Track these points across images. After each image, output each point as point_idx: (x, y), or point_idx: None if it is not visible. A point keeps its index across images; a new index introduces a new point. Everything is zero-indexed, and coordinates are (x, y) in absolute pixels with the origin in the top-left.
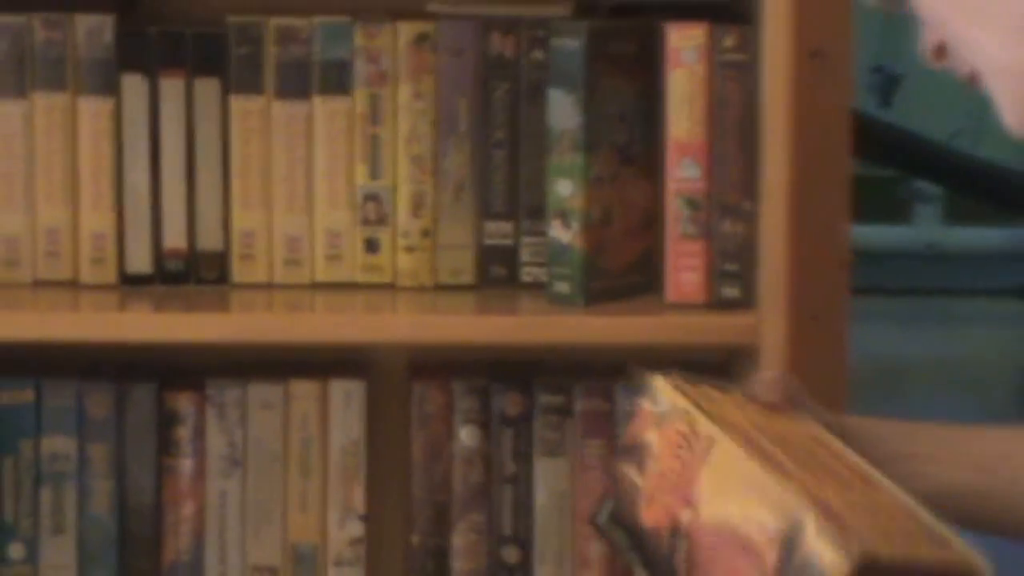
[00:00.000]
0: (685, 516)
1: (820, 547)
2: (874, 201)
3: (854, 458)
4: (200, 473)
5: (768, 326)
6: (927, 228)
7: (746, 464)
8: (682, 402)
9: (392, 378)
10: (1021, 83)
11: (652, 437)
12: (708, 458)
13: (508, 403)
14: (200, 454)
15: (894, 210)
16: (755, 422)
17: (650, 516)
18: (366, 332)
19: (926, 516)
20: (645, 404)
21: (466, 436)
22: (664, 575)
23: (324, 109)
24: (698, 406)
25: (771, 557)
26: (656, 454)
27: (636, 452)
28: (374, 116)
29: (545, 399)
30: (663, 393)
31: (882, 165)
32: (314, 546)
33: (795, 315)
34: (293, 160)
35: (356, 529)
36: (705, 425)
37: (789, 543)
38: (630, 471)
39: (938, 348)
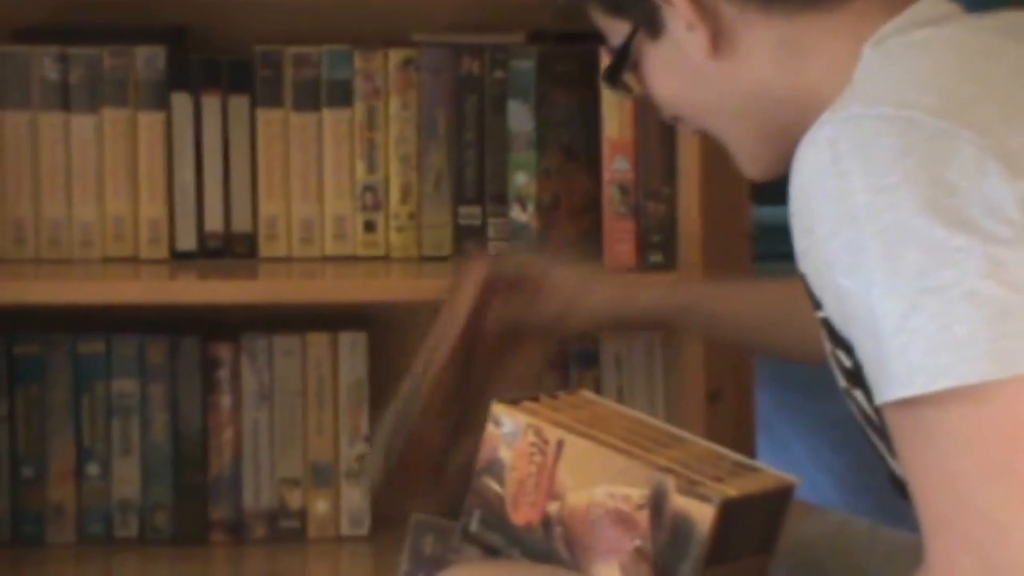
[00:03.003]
0: (553, 507)
1: (683, 501)
2: (776, 187)
3: (658, 423)
4: (237, 406)
5: (689, 281)
6: None
7: (597, 452)
8: (524, 418)
9: (388, 329)
10: (748, 147)
11: (505, 454)
12: (561, 456)
13: None
14: (237, 391)
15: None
16: (577, 418)
17: (519, 516)
18: (366, 293)
19: (732, 455)
20: (491, 428)
21: None
22: (546, 560)
23: (331, 119)
24: (538, 418)
25: (642, 520)
26: (511, 465)
27: (493, 468)
28: (371, 124)
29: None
30: (505, 416)
31: None
32: (329, 462)
33: (708, 275)
34: (307, 159)
35: (362, 448)
36: (551, 431)
37: (657, 505)
38: (491, 483)
39: None
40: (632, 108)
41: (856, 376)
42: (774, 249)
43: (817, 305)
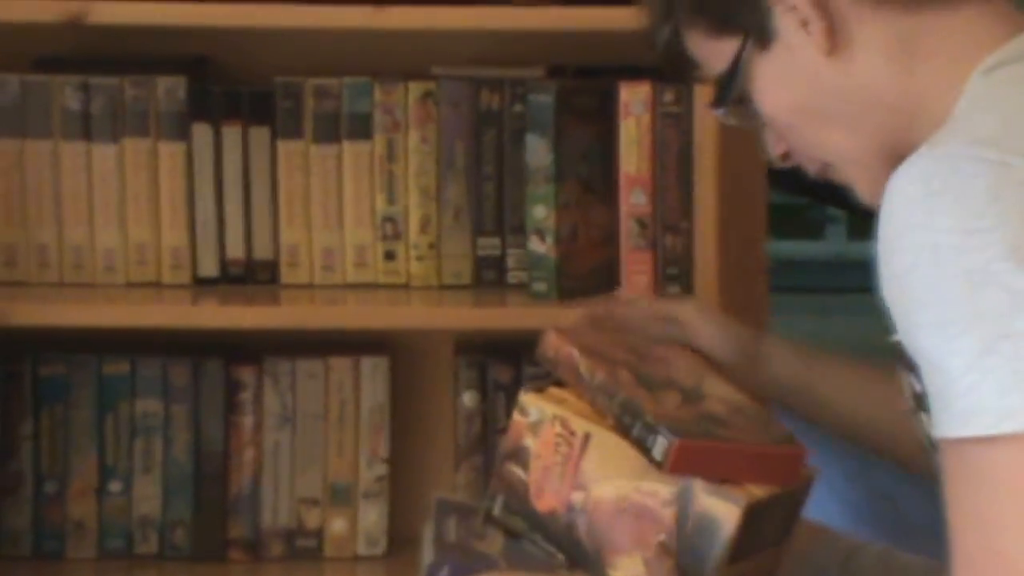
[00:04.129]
0: (578, 497)
1: (710, 501)
2: (793, 223)
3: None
4: (259, 427)
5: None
6: (836, 242)
7: (625, 448)
8: (550, 408)
9: (409, 355)
10: (864, 166)
11: (530, 442)
12: (588, 448)
13: (501, 373)
14: (259, 413)
15: (809, 229)
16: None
17: (543, 503)
18: (387, 320)
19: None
20: (517, 416)
21: (468, 399)
22: (568, 547)
23: (351, 150)
24: (565, 408)
25: (668, 516)
26: (536, 453)
27: (518, 455)
28: (390, 156)
29: (530, 370)
30: (532, 405)
31: (798, 194)
32: (348, 482)
33: (724, 308)
34: (327, 190)
35: (381, 469)
36: (578, 423)
37: (683, 503)
38: (516, 470)
39: (843, 332)
40: (650, 143)
41: (922, 401)
42: (790, 283)
43: (893, 330)
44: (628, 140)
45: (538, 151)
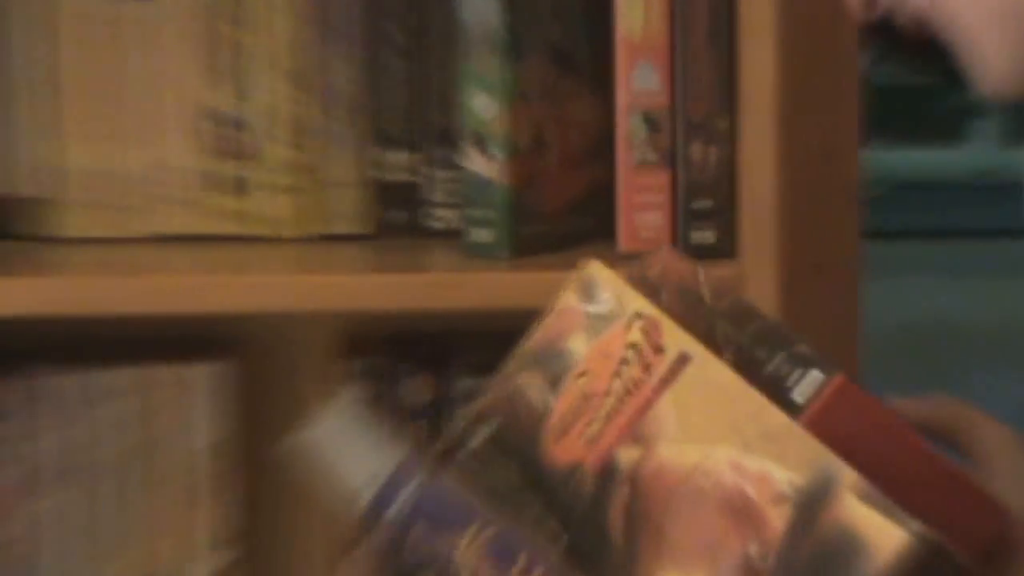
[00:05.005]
0: (628, 455)
1: (863, 514)
2: (910, 117)
3: None
4: (29, 485)
5: (754, 281)
6: (981, 151)
7: (742, 393)
8: (637, 302)
9: (268, 361)
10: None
11: (578, 345)
12: (677, 381)
13: (417, 389)
14: (28, 461)
15: (938, 129)
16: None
17: (562, 449)
18: (231, 300)
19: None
20: (572, 300)
21: None
22: (581, 525)
23: (170, 5)
24: (663, 308)
25: (776, 520)
26: (583, 368)
27: (550, 362)
28: (234, 16)
29: (464, 383)
30: (607, 288)
31: (920, 69)
32: (177, 571)
33: (789, 266)
34: (122, 74)
35: (226, 556)
36: (676, 336)
37: (809, 505)
38: (534, 386)
39: (1000, 307)
40: None
41: None
42: (910, 222)
43: None
44: None
45: (481, 4)
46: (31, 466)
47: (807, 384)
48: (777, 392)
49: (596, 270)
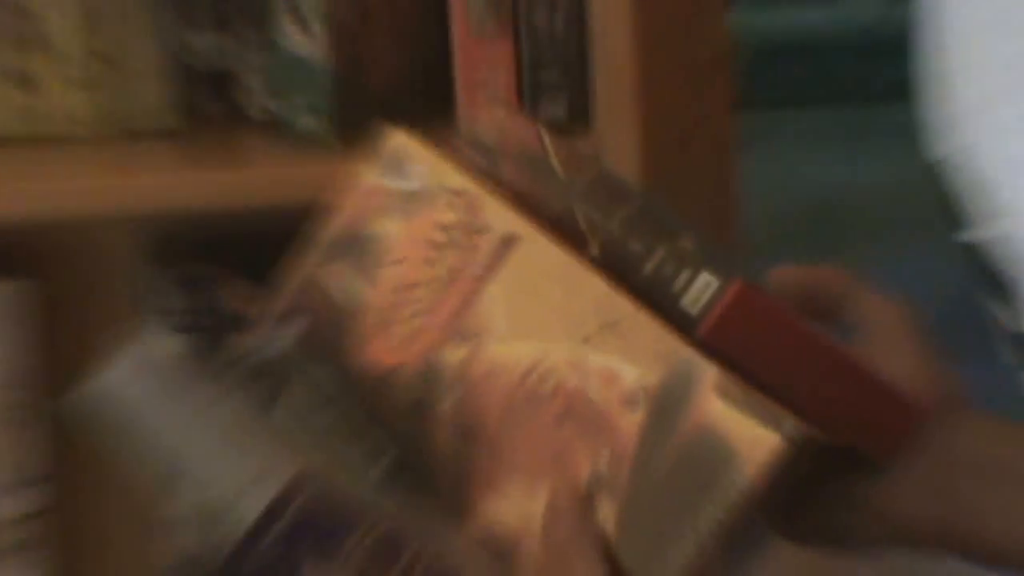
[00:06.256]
0: (453, 356)
1: (726, 413)
2: None
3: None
4: None
5: (612, 158)
6: (862, 6)
7: (584, 281)
8: (454, 177)
9: (70, 275)
10: None
11: (390, 228)
12: (503, 267)
13: (238, 299)
14: None
15: None
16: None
17: (374, 350)
18: (26, 207)
19: None
20: (377, 177)
21: (168, 345)
22: (404, 440)
23: None
24: (477, 181)
25: (628, 427)
26: (395, 253)
27: (355, 250)
28: None
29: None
30: (418, 160)
31: None
32: None
33: (651, 141)
34: None
35: (32, 498)
36: (500, 214)
37: (666, 405)
38: (339, 279)
39: (892, 174)
40: None
41: None
42: (785, 87)
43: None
44: None
45: None
46: None
47: (698, 290)
48: (662, 299)
49: (403, 141)
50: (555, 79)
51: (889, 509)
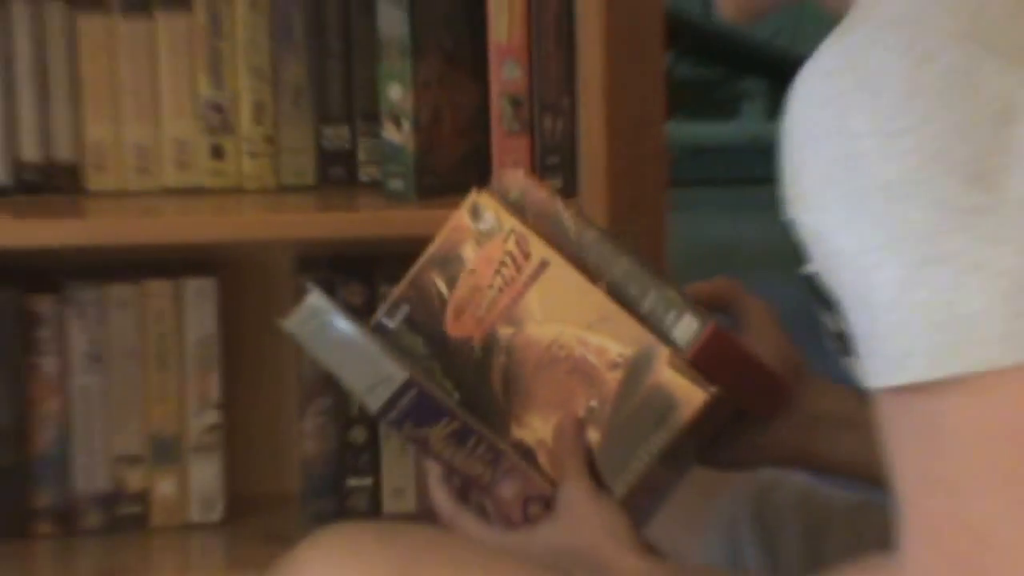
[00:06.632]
0: (505, 332)
1: (672, 377)
2: (700, 99)
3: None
4: (63, 371)
5: (588, 213)
6: (750, 123)
7: (585, 290)
8: (509, 221)
9: (241, 274)
10: None
11: (469, 253)
12: (539, 279)
13: (351, 293)
14: (62, 353)
15: (720, 107)
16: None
17: (458, 327)
18: (215, 232)
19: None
20: (464, 219)
21: None
22: (471, 387)
23: (167, 24)
24: (527, 225)
25: (610, 381)
26: (472, 268)
27: (447, 264)
28: (214, 29)
29: (384, 289)
30: (489, 210)
31: (709, 64)
32: (174, 435)
33: (614, 204)
34: (138, 74)
35: (212, 417)
36: (538, 246)
37: (636, 371)
38: (437, 281)
39: (766, 232)
40: (523, 6)
41: (847, 342)
42: (696, 172)
43: (805, 259)
44: (498, 2)
45: (391, 19)
46: (63, 359)
47: (684, 328)
48: (657, 329)
49: (482, 198)
50: (555, 163)
51: (767, 444)
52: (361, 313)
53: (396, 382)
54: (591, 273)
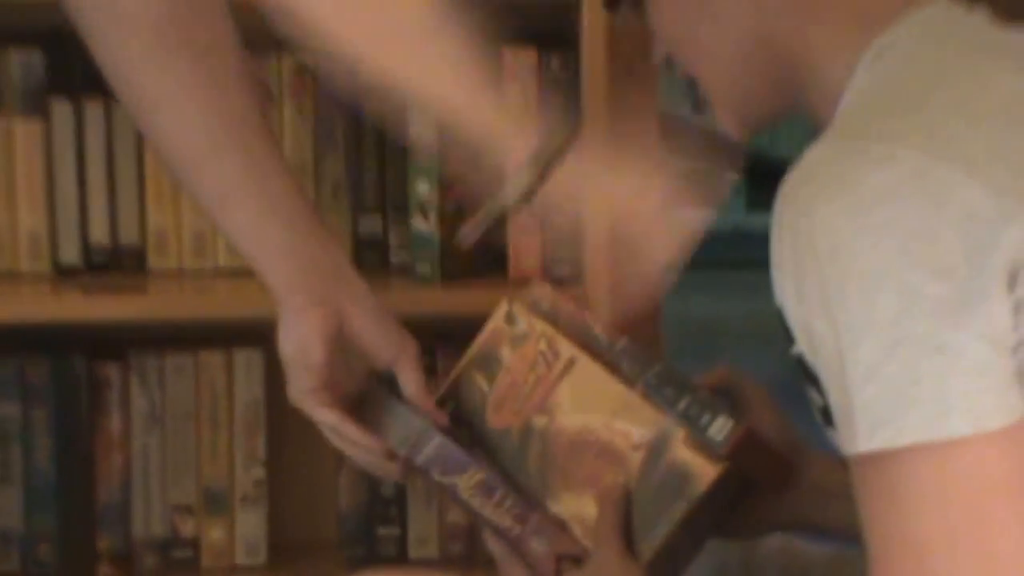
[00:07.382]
0: (540, 421)
1: (688, 455)
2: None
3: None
4: (126, 429)
5: (594, 305)
6: (733, 214)
7: (608, 383)
8: (540, 326)
9: None
10: (732, 102)
11: (506, 353)
12: (568, 375)
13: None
14: (126, 413)
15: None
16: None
17: (498, 419)
18: (262, 309)
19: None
20: (500, 322)
21: None
22: (512, 470)
23: None
24: (556, 328)
25: (634, 461)
26: (509, 367)
27: (487, 364)
28: None
29: None
30: (522, 317)
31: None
32: (224, 487)
33: (614, 299)
34: None
35: (258, 472)
36: (566, 346)
37: (656, 451)
38: (479, 379)
39: (744, 311)
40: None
41: (829, 415)
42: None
43: (791, 340)
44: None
45: (420, 123)
46: (126, 418)
47: (719, 426)
48: (694, 428)
49: (516, 306)
50: (565, 272)
51: (775, 513)
52: (393, 379)
53: (418, 429)
54: (626, 377)
